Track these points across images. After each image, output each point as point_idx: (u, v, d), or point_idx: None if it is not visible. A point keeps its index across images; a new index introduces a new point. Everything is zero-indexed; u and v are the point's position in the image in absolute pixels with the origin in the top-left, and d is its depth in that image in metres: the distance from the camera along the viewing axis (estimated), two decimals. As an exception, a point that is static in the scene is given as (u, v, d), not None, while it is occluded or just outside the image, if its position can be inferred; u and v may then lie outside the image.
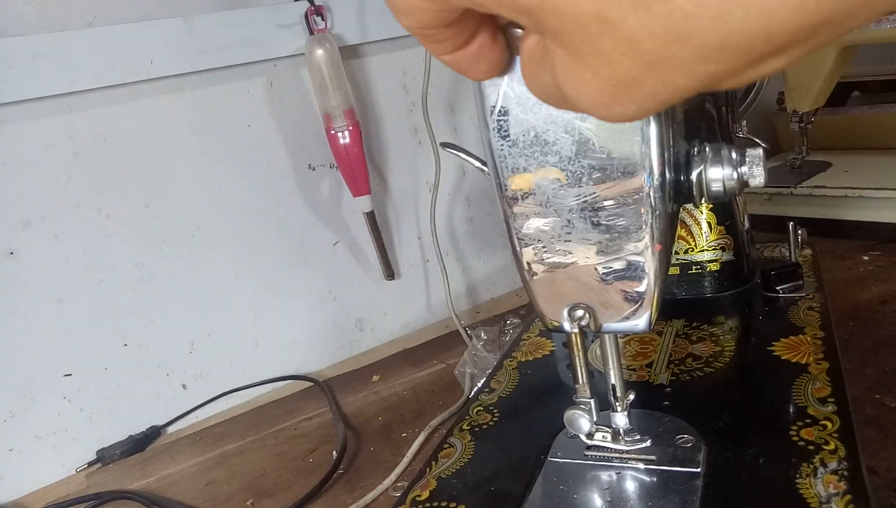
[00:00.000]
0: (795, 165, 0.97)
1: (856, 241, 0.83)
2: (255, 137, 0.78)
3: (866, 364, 0.57)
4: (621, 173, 0.30)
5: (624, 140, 0.29)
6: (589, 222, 0.32)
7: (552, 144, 0.30)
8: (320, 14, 0.76)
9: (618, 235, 0.32)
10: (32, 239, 0.68)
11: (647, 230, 0.31)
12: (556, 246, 0.33)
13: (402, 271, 0.89)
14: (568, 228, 0.33)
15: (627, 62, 0.17)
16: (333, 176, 0.82)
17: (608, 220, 0.32)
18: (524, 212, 0.33)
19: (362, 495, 0.55)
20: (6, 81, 0.63)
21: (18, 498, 0.68)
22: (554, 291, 0.35)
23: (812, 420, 0.43)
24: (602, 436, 0.42)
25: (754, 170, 0.35)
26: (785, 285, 0.62)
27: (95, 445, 0.72)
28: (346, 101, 0.75)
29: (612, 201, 0.31)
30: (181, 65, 0.71)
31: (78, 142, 0.69)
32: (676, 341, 0.58)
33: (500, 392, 0.56)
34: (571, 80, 0.19)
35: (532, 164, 0.31)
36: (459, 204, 0.93)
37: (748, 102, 0.75)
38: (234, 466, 0.65)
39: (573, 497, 0.41)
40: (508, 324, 0.77)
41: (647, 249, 0.32)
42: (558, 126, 0.30)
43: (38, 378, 0.69)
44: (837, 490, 0.37)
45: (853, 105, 1.07)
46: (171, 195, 0.74)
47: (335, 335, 0.86)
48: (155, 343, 0.75)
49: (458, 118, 0.91)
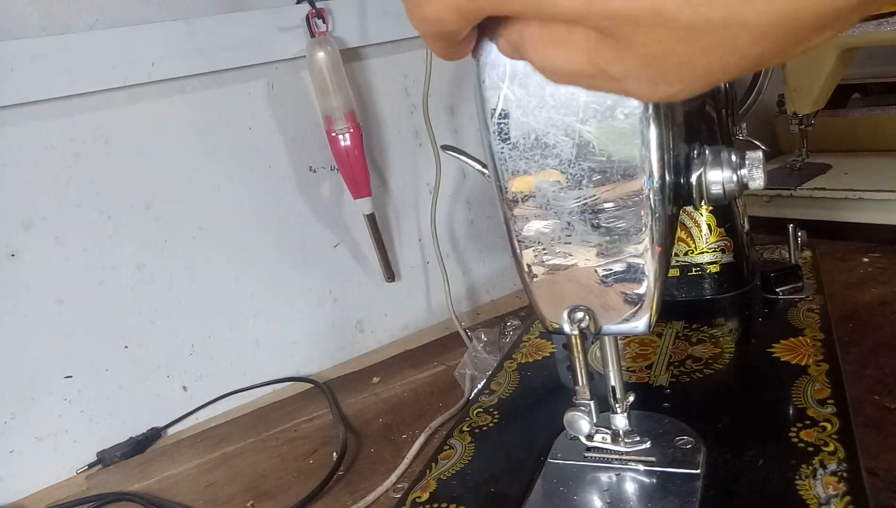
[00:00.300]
0: (795, 167, 0.97)
1: (856, 243, 0.83)
2: (255, 140, 0.78)
3: (866, 366, 0.57)
4: (621, 176, 0.30)
5: (624, 143, 0.29)
6: (589, 225, 0.32)
7: (552, 146, 0.31)
8: (321, 17, 0.76)
9: (618, 237, 0.32)
10: (33, 240, 0.68)
11: (646, 233, 0.32)
12: (557, 248, 0.34)
13: (402, 272, 0.89)
14: (568, 230, 0.33)
15: (683, 48, 0.17)
16: (334, 178, 0.83)
17: (608, 222, 0.32)
18: (524, 214, 0.33)
19: (363, 496, 0.55)
20: (7, 83, 0.63)
21: (19, 500, 0.68)
22: (554, 293, 0.36)
23: (812, 422, 0.43)
24: (602, 438, 0.42)
25: (754, 172, 0.36)
26: (785, 287, 0.62)
27: (96, 446, 0.72)
28: (346, 103, 0.76)
29: (612, 203, 0.31)
30: (182, 67, 0.72)
31: (79, 144, 0.69)
32: (676, 342, 0.58)
33: (501, 394, 0.56)
34: (617, 63, 0.19)
35: (532, 166, 0.31)
36: (460, 206, 0.93)
37: (748, 104, 0.75)
38: (235, 467, 0.65)
39: (573, 499, 0.41)
40: (508, 326, 0.77)
41: (647, 251, 0.32)
42: (558, 129, 0.30)
43: (38, 380, 0.69)
44: (837, 492, 0.37)
45: (853, 107, 1.07)
46: (171, 197, 0.74)
47: (335, 336, 0.86)
48: (155, 345, 0.75)
49: (458, 121, 0.91)
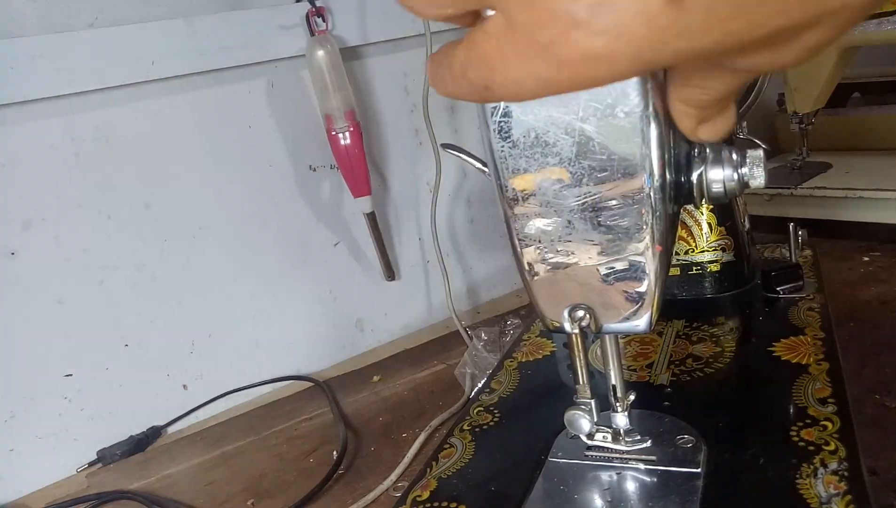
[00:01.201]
0: (796, 166, 0.97)
1: (856, 242, 0.83)
2: (255, 138, 0.78)
3: (866, 365, 0.57)
4: (622, 174, 0.30)
5: (625, 141, 0.29)
6: (590, 223, 0.32)
7: (552, 145, 0.30)
8: (321, 15, 0.76)
9: (619, 235, 0.32)
10: (33, 240, 0.68)
11: (647, 231, 0.32)
12: (557, 247, 0.34)
13: (402, 271, 0.89)
14: (569, 228, 0.33)
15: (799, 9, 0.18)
16: (334, 177, 0.82)
17: (609, 221, 0.32)
18: (525, 213, 0.33)
19: (363, 495, 0.55)
20: (7, 82, 0.63)
21: (19, 498, 0.68)
22: (555, 291, 0.35)
23: (812, 421, 0.43)
24: (602, 437, 0.42)
25: (755, 171, 0.36)
26: (785, 286, 0.62)
27: (96, 445, 0.72)
28: (346, 102, 0.75)
29: (613, 201, 0.31)
30: (182, 66, 0.71)
31: (79, 143, 0.69)
32: (677, 341, 0.58)
33: (501, 393, 0.56)
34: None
35: (533, 165, 0.31)
36: (460, 205, 0.93)
37: (748, 103, 0.75)
38: (235, 466, 0.65)
39: (573, 498, 0.41)
40: (509, 325, 0.77)
41: (648, 249, 0.32)
42: (559, 127, 0.30)
43: (38, 379, 0.69)
44: (838, 491, 0.37)
45: (854, 106, 1.07)
46: (171, 196, 0.74)
47: (335, 335, 0.86)
48: (155, 344, 0.75)
49: (458, 119, 0.91)
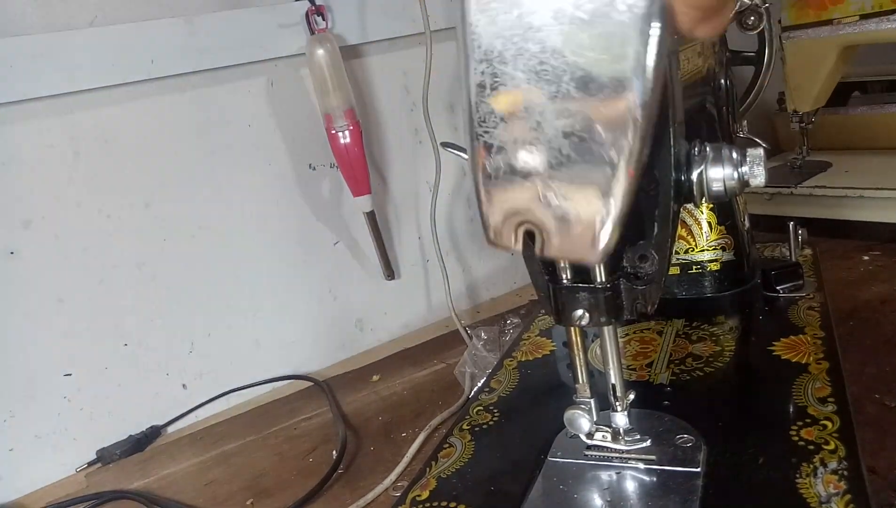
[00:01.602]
0: (796, 165, 0.97)
1: (856, 241, 0.83)
2: (255, 137, 0.78)
3: (866, 364, 0.57)
4: (609, 78, 0.26)
5: (619, 45, 0.26)
6: (560, 132, 0.28)
7: (537, 29, 0.27)
8: (321, 14, 0.76)
9: (590, 148, 0.28)
10: (33, 239, 0.68)
11: (625, 151, 0.28)
12: (521, 150, 0.30)
13: (402, 270, 0.89)
14: (537, 131, 0.29)
15: None
16: (334, 176, 0.82)
17: (585, 132, 0.28)
18: (492, 111, 0.29)
19: (362, 494, 0.55)
20: (7, 81, 0.63)
21: (18, 498, 0.68)
22: (505, 199, 0.31)
23: (812, 420, 0.43)
24: (602, 436, 0.42)
25: (755, 170, 0.35)
26: (785, 285, 0.62)
27: (95, 445, 0.72)
28: (346, 101, 0.75)
29: (592, 109, 0.27)
30: (182, 65, 0.71)
31: (79, 142, 0.69)
32: (677, 340, 0.58)
33: (501, 392, 0.56)
34: None
35: (510, 48, 0.27)
36: (460, 204, 0.93)
37: (749, 102, 0.75)
38: (234, 466, 0.65)
39: (573, 497, 0.41)
40: (508, 324, 0.77)
41: (621, 170, 0.28)
42: (548, 8, 0.27)
43: (38, 378, 0.69)
44: (837, 490, 0.37)
45: (854, 105, 1.07)
46: (171, 195, 0.74)
47: (335, 334, 0.86)
48: (155, 343, 0.75)
49: (458, 118, 0.91)
